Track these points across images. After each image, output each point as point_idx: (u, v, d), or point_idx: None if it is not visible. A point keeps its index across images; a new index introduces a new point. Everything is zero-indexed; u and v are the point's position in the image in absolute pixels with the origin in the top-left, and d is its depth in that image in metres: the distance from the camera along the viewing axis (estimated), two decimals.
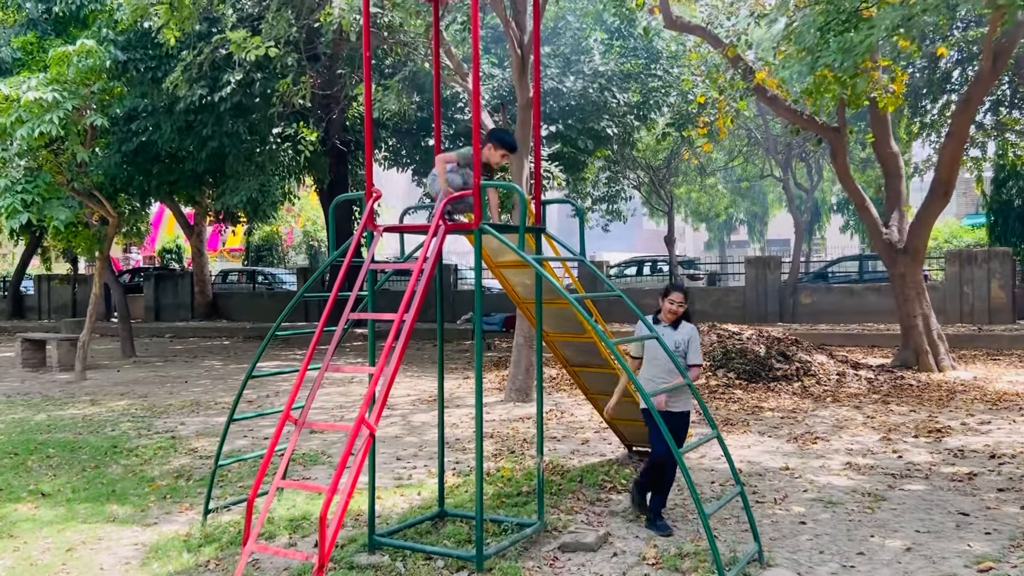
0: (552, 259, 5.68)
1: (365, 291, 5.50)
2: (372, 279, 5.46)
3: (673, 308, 5.84)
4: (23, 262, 32.98)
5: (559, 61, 17.17)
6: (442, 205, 5.01)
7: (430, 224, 5.00)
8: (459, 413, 10.92)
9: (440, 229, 5.03)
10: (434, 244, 4.98)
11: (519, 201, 5.26)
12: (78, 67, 13.21)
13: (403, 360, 17.06)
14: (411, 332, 4.74)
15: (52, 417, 11.31)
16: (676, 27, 14.38)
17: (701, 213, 36.56)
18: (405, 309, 4.74)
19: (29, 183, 13.36)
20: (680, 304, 5.81)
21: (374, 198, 5.31)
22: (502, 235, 5.03)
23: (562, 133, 16.09)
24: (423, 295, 4.82)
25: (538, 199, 5.63)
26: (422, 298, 4.79)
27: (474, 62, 5.12)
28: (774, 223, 45.15)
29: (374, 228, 5.29)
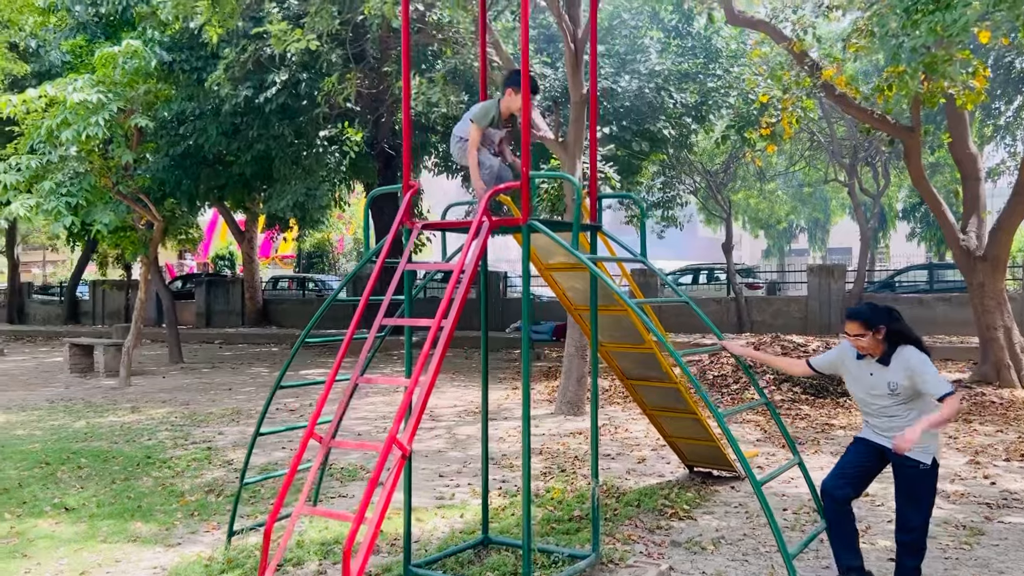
0: (609, 259, 5.08)
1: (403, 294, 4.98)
2: (410, 281, 4.93)
3: (854, 343, 4.75)
4: (79, 268, 33.37)
5: (614, 61, 16.56)
6: (486, 199, 4.46)
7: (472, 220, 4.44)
8: (506, 426, 10.35)
9: (483, 226, 4.47)
10: (476, 242, 4.43)
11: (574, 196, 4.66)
12: (124, 68, 13.01)
13: (450, 369, 16.69)
14: (450, 340, 4.20)
15: (91, 424, 11.02)
16: (738, 22, 13.69)
17: (760, 220, 35.48)
18: (443, 314, 4.19)
19: (74, 186, 13.17)
20: (857, 335, 4.67)
21: (411, 191, 4.79)
22: (553, 232, 4.46)
23: (616, 135, 15.46)
24: (464, 299, 4.27)
25: (593, 194, 5.05)
26: (463, 302, 4.25)
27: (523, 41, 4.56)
28: (835, 230, 43.82)
29: (411, 224, 4.76)
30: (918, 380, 4.53)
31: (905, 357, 4.61)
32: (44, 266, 49.88)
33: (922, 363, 4.57)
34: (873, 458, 4.78)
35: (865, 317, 4.69)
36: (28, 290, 35.94)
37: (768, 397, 12.53)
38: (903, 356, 4.62)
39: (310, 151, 14.62)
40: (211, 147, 15.25)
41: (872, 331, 4.64)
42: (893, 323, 4.68)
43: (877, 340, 4.65)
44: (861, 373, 4.78)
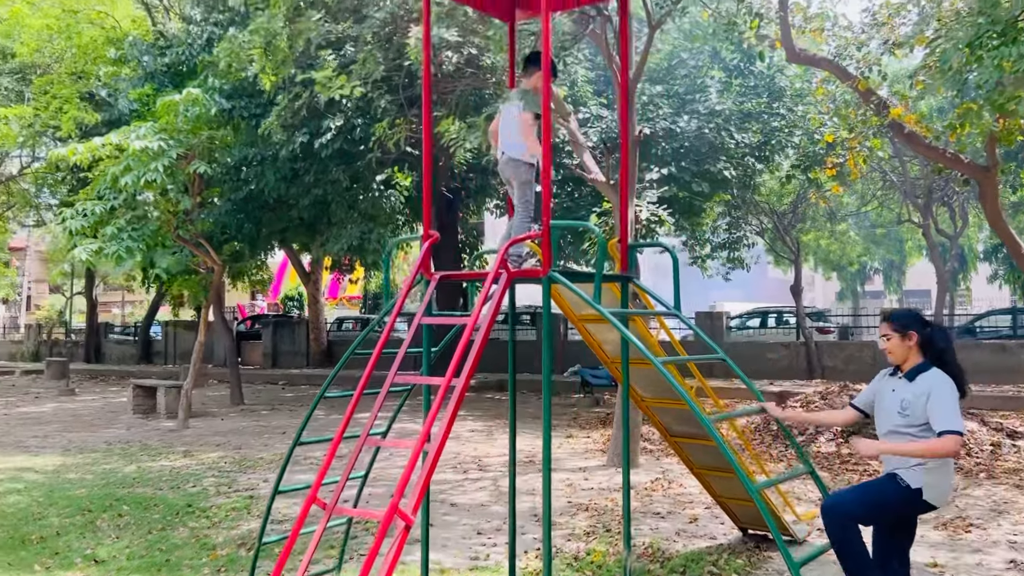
0: (636, 313, 4.77)
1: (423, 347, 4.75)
2: (428, 335, 4.69)
3: (882, 346, 4.46)
4: (152, 308, 34.23)
5: (673, 101, 16.28)
6: (503, 252, 4.22)
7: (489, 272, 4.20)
8: (555, 479, 9.97)
9: (502, 277, 4.22)
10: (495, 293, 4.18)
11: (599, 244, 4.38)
12: (186, 116, 13.27)
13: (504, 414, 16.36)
14: (462, 400, 3.94)
15: (141, 469, 11.04)
16: (800, 60, 13.28)
17: (831, 261, 34.44)
18: (455, 372, 3.94)
19: (135, 231, 13.40)
20: (885, 336, 4.40)
21: (430, 240, 4.57)
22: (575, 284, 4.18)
23: (675, 176, 15.12)
24: (479, 355, 4.02)
25: (624, 242, 4.76)
26: (477, 359, 3.99)
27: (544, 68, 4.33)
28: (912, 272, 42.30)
29: (428, 275, 4.54)
30: (930, 404, 4.17)
31: (931, 376, 4.25)
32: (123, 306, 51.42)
33: (944, 389, 4.20)
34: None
35: (896, 318, 4.43)
36: (105, 330, 37.00)
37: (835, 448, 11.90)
38: (930, 375, 4.27)
39: (366, 195, 14.66)
40: (271, 192, 15.43)
41: (901, 334, 4.34)
42: (927, 332, 4.35)
43: (907, 347, 4.33)
44: (884, 389, 4.49)
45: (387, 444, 4.32)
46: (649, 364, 5.54)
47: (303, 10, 9.71)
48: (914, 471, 4.24)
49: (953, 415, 4.13)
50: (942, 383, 4.21)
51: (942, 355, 4.31)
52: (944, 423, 4.10)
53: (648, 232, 14.66)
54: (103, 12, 17.28)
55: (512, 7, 5.28)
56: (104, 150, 13.23)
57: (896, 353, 4.37)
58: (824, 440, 11.96)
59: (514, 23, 5.34)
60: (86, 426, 15.71)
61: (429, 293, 4.49)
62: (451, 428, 3.93)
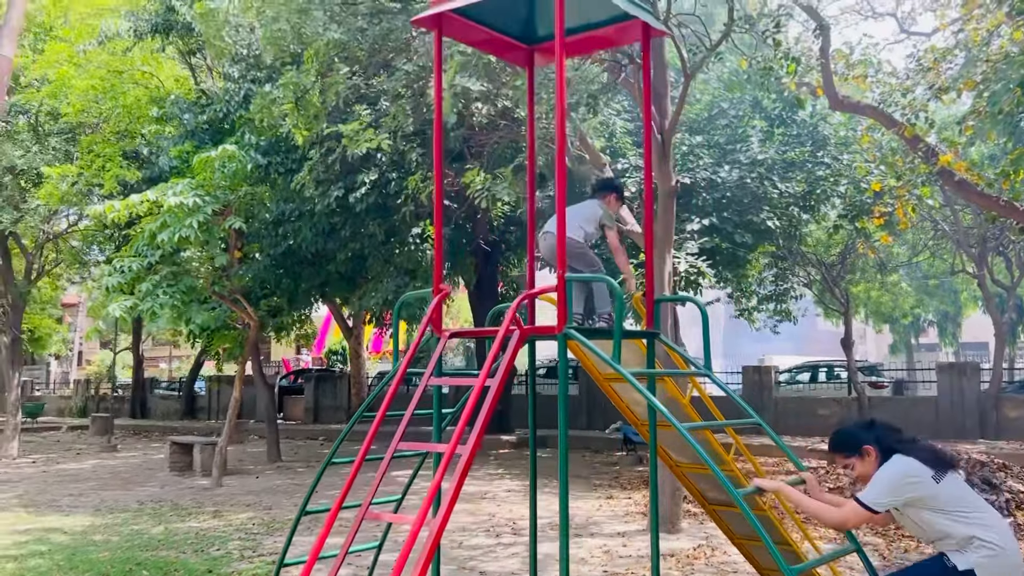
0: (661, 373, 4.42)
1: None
2: (438, 396, 4.39)
3: (850, 477, 4.38)
4: (197, 363, 34.43)
5: (714, 151, 15.98)
6: (514, 307, 3.92)
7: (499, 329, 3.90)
8: (591, 545, 9.50)
9: (513, 335, 3.91)
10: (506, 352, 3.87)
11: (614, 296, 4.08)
12: (223, 172, 13.31)
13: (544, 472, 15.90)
14: (468, 468, 3.61)
15: (168, 530, 10.80)
16: (844, 108, 12.93)
17: (883, 313, 33.47)
18: (459, 438, 3.62)
19: (170, 287, 13.39)
20: (847, 467, 4.25)
21: (441, 295, 4.30)
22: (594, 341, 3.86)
23: (717, 226, 14.75)
24: (487, 418, 3.69)
25: (651, 296, 4.44)
26: (485, 422, 3.67)
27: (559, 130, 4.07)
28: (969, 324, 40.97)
29: (439, 332, 4.26)
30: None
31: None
32: (170, 361, 51.95)
33: (884, 468, 4.03)
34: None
35: (840, 445, 4.27)
36: (151, 385, 37.32)
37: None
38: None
39: (402, 249, 14.53)
40: (308, 247, 15.39)
41: (858, 455, 4.14)
42: (876, 435, 4.15)
43: (872, 462, 4.11)
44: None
45: (386, 518, 4.00)
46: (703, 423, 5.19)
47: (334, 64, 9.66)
48: (963, 553, 3.88)
49: (878, 491, 3.96)
50: (888, 467, 4.04)
51: (901, 445, 4.12)
52: (865, 494, 3.97)
53: (688, 284, 14.27)
54: (148, 72, 17.59)
55: (530, 54, 5.06)
56: (142, 207, 13.28)
57: (870, 472, 4.11)
58: None
59: (532, 69, 5.12)
60: (122, 484, 15.59)
61: (438, 351, 4.20)
62: (456, 500, 3.60)
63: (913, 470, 3.98)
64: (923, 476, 3.99)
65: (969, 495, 4.11)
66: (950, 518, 3.96)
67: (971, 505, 4.05)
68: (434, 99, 4.50)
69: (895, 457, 4.04)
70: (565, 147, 4.18)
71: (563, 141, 4.10)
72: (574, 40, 4.71)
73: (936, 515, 3.97)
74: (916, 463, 4.00)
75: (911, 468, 3.99)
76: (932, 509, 3.99)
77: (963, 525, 3.95)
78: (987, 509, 4.13)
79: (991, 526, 4.00)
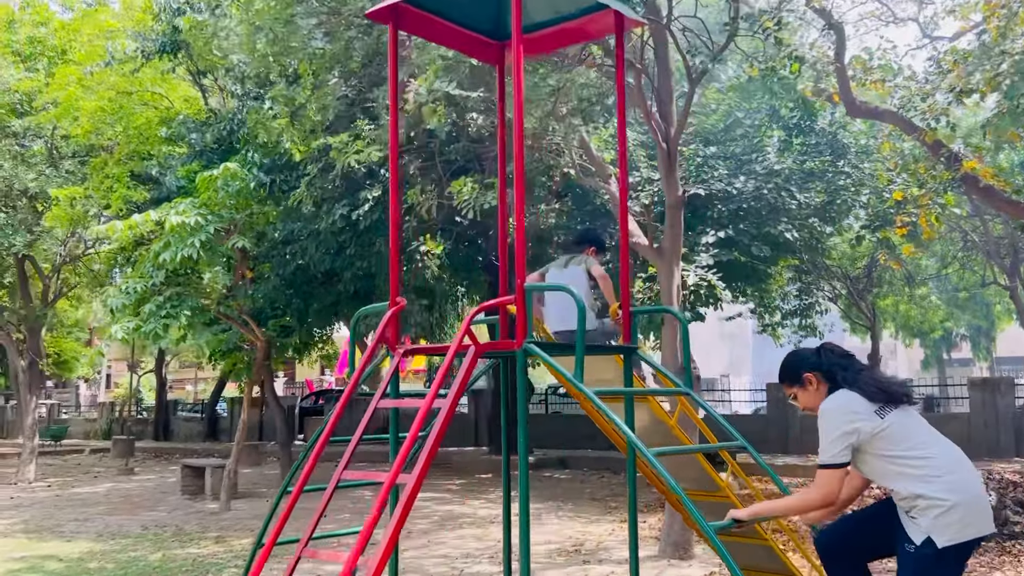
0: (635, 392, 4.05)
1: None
2: (396, 419, 4.04)
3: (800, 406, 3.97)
4: (219, 385, 34.38)
5: (730, 162, 15.55)
6: (468, 321, 3.58)
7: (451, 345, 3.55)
8: (597, 572, 9.07)
9: (469, 351, 3.56)
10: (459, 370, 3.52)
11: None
12: (227, 191, 13.13)
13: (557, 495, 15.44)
14: (413, 500, 3.25)
15: (166, 557, 10.52)
16: (861, 114, 12.51)
17: (912, 327, 32.62)
18: (401, 466, 3.27)
19: (174, 307, 13.19)
20: (792, 397, 3.94)
21: (396, 308, 3.97)
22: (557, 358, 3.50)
23: (733, 239, 14.29)
24: (436, 443, 3.34)
25: (627, 309, 4.08)
26: (433, 450, 3.31)
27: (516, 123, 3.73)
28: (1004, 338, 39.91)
29: (392, 348, 3.93)
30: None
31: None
32: (196, 383, 52.08)
33: (825, 415, 3.64)
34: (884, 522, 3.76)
35: (787, 373, 3.92)
36: (174, 407, 37.32)
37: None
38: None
39: (410, 266, 14.23)
40: (316, 266, 15.16)
41: (800, 385, 3.81)
42: (821, 362, 3.80)
43: (816, 391, 3.78)
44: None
45: (322, 556, 3.64)
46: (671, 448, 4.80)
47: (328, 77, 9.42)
48: (914, 521, 3.58)
49: (822, 442, 3.57)
50: (824, 408, 3.66)
51: (844, 374, 3.72)
52: (820, 456, 3.59)
53: (703, 299, 13.81)
54: (158, 94, 17.54)
55: (501, 51, 4.75)
56: (145, 227, 13.12)
57: (814, 404, 3.76)
58: None
59: (503, 67, 4.80)
60: (132, 508, 15.37)
61: (391, 370, 3.86)
62: (396, 536, 3.24)
63: (853, 405, 3.61)
64: (864, 411, 3.61)
65: (918, 434, 3.71)
66: (896, 465, 3.59)
67: (919, 446, 3.65)
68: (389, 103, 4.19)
69: (835, 393, 3.68)
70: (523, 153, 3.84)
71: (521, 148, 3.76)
72: (543, 35, 4.40)
73: (882, 461, 3.61)
74: (856, 397, 3.63)
75: (851, 403, 3.62)
76: (877, 453, 3.62)
77: (908, 480, 3.57)
78: (935, 452, 3.70)
79: (937, 477, 3.59)
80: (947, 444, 3.80)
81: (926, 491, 3.54)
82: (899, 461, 3.58)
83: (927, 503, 3.52)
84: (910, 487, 3.55)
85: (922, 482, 3.56)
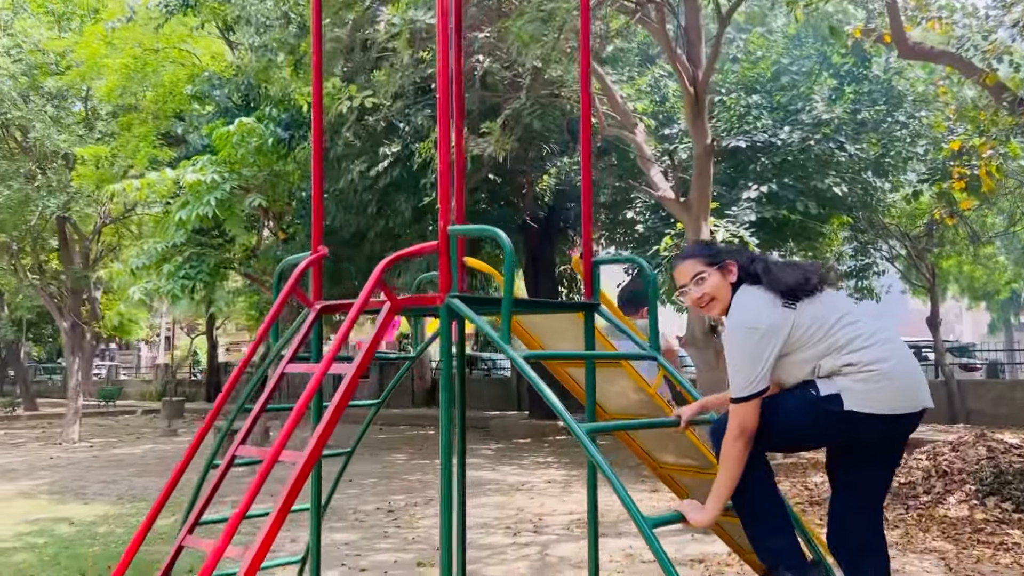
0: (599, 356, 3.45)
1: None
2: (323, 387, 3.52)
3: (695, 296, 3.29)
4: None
5: (778, 114, 14.59)
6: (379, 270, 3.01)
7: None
8: (614, 547, 8.50)
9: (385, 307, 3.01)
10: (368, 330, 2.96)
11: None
12: (246, 148, 12.75)
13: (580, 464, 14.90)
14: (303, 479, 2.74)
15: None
16: (914, 55, 11.50)
17: (976, 289, 30.99)
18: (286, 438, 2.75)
19: (193, 268, 12.93)
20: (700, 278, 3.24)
21: (317, 255, 3.44)
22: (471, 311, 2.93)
23: (776, 194, 13.41)
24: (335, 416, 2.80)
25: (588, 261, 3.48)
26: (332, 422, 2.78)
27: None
28: None
29: (308, 304, 3.40)
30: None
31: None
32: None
33: (733, 331, 3.05)
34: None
35: (703, 246, 3.37)
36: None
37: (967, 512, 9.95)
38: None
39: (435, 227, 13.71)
40: (341, 227, 14.74)
41: (719, 266, 3.21)
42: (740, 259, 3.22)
43: (726, 286, 3.20)
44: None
45: (202, 545, 3.16)
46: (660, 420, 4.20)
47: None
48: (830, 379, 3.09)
49: (732, 368, 2.99)
50: (737, 319, 3.06)
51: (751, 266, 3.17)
52: (734, 388, 3.01)
53: None
54: (186, 51, 17.21)
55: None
56: (163, 186, 12.83)
57: (723, 299, 3.16)
58: (954, 501, 9.97)
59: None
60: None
61: (307, 328, 3.34)
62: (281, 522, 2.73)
63: (762, 305, 3.04)
64: (774, 311, 3.04)
65: (836, 309, 3.13)
66: (815, 352, 3.05)
67: (842, 320, 3.10)
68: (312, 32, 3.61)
69: (738, 295, 3.11)
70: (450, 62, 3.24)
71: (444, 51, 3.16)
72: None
73: (802, 352, 3.05)
74: (762, 295, 3.06)
75: (760, 304, 3.04)
76: (795, 353, 3.06)
77: (831, 356, 3.04)
78: (861, 323, 3.13)
79: (866, 347, 3.05)
80: (870, 317, 3.21)
81: (852, 359, 3.02)
82: (820, 345, 3.04)
83: (852, 368, 3.01)
84: (833, 361, 3.03)
85: (853, 352, 3.03)
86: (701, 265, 3.18)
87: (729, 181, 14.38)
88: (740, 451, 3.03)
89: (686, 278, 3.19)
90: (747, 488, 3.11)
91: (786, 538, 3.14)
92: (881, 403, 2.99)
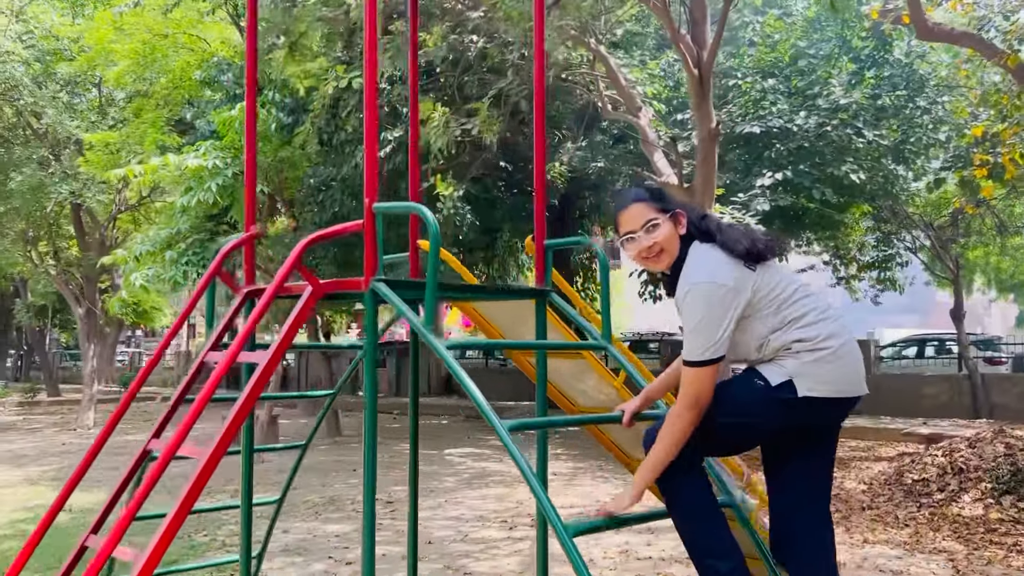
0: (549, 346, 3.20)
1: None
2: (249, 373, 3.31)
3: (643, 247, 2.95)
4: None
5: (794, 99, 14.19)
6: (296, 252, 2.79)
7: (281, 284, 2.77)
8: (610, 543, 8.26)
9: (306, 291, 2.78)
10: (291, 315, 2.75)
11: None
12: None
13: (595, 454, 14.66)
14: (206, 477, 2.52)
15: None
16: (933, 36, 11.07)
17: (1004, 281, 30.23)
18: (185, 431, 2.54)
19: (195, 255, 12.81)
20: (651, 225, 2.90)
21: (250, 236, 3.21)
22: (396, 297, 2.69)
23: (791, 181, 13.02)
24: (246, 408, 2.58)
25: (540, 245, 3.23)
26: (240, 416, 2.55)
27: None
28: None
29: (233, 288, 3.18)
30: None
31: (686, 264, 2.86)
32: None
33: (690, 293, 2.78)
34: None
35: (654, 190, 2.99)
36: None
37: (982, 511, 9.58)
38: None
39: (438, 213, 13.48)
40: (349, 214, 14.55)
41: (671, 215, 2.91)
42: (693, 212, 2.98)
43: (675, 237, 2.92)
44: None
45: (91, 543, 2.96)
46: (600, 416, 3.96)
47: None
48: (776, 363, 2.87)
49: (689, 330, 2.73)
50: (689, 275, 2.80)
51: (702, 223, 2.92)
52: (688, 351, 2.75)
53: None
54: (196, 36, 17.08)
55: None
56: (166, 171, 12.70)
57: (672, 252, 2.89)
58: (969, 500, 9.62)
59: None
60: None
61: (231, 314, 3.12)
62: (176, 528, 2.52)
63: (723, 263, 2.79)
64: (736, 269, 2.80)
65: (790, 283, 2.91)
66: (767, 325, 2.81)
67: (795, 295, 2.88)
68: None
69: (695, 250, 2.84)
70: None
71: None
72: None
73: (755, 322, 2.81)
74: (720, 254, 2.80)
75: (721, 261, 2.79)
76: (748, 320, 2.81)
77: (783, 331, 2.80)
78: (816, 308, 2.89)
79: (818, 322, 2.84)
80: (816, 294, 2.98)
81: (805, 335, 2.79)
82: (773, 318, 2.80)
83: (800, 347, 2.77)
84: (783, 336, 2.78)
85: (799, 329, 2.80)
86: (653, 211, 2.85)
87: (743, 168, 14.01)
88: (687, 424, 2.76)
89: (635, 224, 2.85)
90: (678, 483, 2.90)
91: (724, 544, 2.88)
92: (830, 385, 2.77)
